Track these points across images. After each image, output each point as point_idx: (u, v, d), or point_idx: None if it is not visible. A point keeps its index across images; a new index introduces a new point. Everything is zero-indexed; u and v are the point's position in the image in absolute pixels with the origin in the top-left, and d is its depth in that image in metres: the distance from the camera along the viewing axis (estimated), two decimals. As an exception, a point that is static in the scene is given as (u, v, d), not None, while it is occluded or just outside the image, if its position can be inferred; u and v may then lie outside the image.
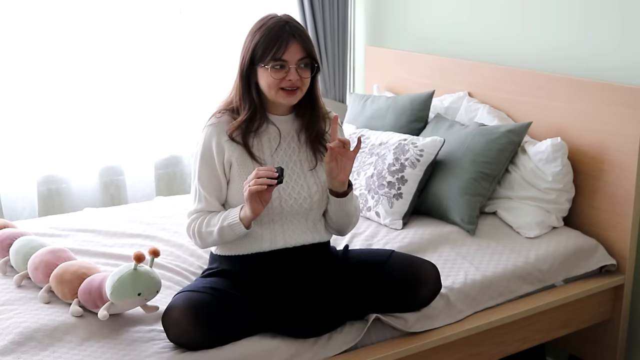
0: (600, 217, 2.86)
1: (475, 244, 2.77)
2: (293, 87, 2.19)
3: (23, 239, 2.46)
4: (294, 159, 2.30)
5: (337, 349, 2.21)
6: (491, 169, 2.90)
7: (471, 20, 3.48)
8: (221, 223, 2.19)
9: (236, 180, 2.24)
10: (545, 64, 3.12)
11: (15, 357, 1.97)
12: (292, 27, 2.18)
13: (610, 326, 2.90)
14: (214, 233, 2.20)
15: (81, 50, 3.47)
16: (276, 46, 2.15)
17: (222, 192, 2.27)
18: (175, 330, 2.04)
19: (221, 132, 2.25)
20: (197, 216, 2.26)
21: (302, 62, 2.19)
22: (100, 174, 3.62)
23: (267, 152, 2.27)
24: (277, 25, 2.18)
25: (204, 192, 2.25)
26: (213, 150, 2.25)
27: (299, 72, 2.18)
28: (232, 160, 2.24)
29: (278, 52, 2.15)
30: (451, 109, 3.34)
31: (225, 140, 2.24)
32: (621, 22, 2.83)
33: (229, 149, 2.24)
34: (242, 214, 2.15)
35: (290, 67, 2.17)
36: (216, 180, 2.26)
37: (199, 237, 2.25)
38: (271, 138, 2.28)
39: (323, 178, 2.31)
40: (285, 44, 2.16)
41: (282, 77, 2.17)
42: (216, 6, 3.78)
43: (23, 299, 2.26)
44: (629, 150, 2.71)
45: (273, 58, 2.16)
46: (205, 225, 2.22)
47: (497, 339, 2.56)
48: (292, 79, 2.17)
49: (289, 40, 2.16)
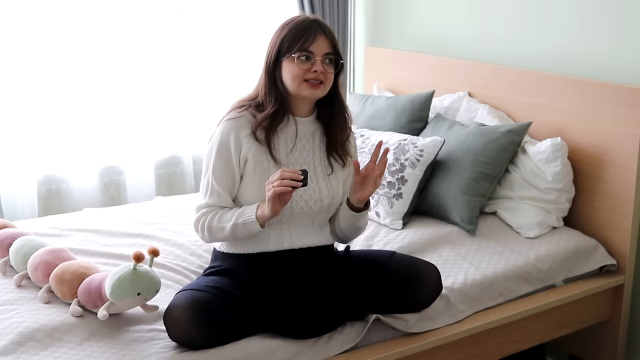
0: (600, 217, 2.86)
1: (475, 244, 2.77)
2: (317, 80, 2.20)
3: (23, 239, 2.46)
4: (308, 161, 2.30)
5: (337, 349, 2.21)
6: (491, 169, 2.89)
7: (471, 20, 3.48)
8: (235, 220, 2.18)
9: (250, 177, 2.24)
10: (545, 64, 3.12)
11: (15, 357, 1.97)
12: (320, 23, 2.24)
13: (610, 326, 2.90)
14: (226, 229, 2.20)
15: (81, 50, 3.47)
16: (304, 37, 2.19)
17: (234, 188, 2.27)
18: (177, 329, 2.03)
19: (240, 127, 2.24)
20: (208, 211, 2.25)
21: (328, 57, 2.21)
22: (100, 174, 3.62)
23: (283, 152, 2.27)
24: (306, 20, 2.24)
25: (218, 186, 2.24)
26: (231, 145, 2.24)
27: (324, 66, 2.20)
28: (248, 156, 2.24)
29: (306, 43, 2.19)
30: (451, 109, 3.34)
31: (245, 136, 2.23)
32: (621, 21, 2.83)
33: (247, 144, 2.23)
34: (259, 212, 2.15)
35: (316, 59, 2.19)
36: (231, 175, 2.25)
37: (208, 232, 2.24)
38: (288, 138, 2.28)
39: (335, 185, 2.32)
40: (314, 36, 2.20)
41: (307, 68, 2.19)
42: (216, 6, 3.77)
43: (23, 299, 2.26)
44: (629, 150, 2.71)
45: (300, 49, 2.19)
46: (217, 221, 2.22)
47: (497, 339, 2.56)
48: (318, 70, 2.19)
49: (317, 33, 2.20)
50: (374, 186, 2.24)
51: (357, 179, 2.24)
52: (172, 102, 3.76)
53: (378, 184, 2.24)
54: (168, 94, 3.74)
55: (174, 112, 3.77)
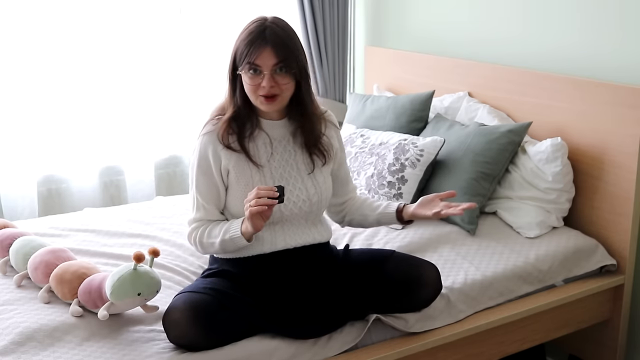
0: (600, 217, 2.86)
1: (476, 243, 2.77)
2: (268, 94, 2.15)
3: (23, 239, 2.46)
4: (290, 162, 2.30)
5: (337, 349, 2.21)
6: (491, 169, 2.89)
7: (471, 20, 3.48)
8: (223, 236, 2.19)
9: (234, 187, 2.24)
10: (545, 64, 3.12)
11: (15, 357, 1.97)
12: (270, 31, 2.14)
13: (610, 326, 2.90)
14: (216, 244, 2.21)
15: (81, 51, 3.47)
16: (250, 50, 2.13)
17: (220, 200, 2.27)
18: (176, 331, 2.03)
19: (217, 141, 2.23)
20: (198, 225, 2.26)
21: (277, 67, 2.14)
22: (100, 174, 3.62)
23: (264, 157, 2.27)
24: (256, 30, 2.15)
25: (203, 201, 2.25)
26: (210, 158, 2.24)
27: (276, 77, 2.14)
28: (229, 167, 2.23)
29: (252, 57, 2.13)
30: (451, 109, 3.34)
31: (222, 149, 2.23)
32: (622, 22, 2.83)
33: (226, 156, 2.23)
34: (243, 228, 2.16)
35: (264, 73, 2.14)
36: (214, 188, 2.25)
37: (201, 246, 2.26)
38: (266, 143, 2.28)
39: (321, 180, 2.32)
40: (258, 49, 2.12)
41: (257, 83, 2.15)
42: (216, 6, 3.77)
43: (23, 299, 2.26)
44: (629, 150, 2.71)
45: (247, 63, 2.14)
46: (207, 236, 2.23)
47: (497, 339, 2.56)
48: (266, 85, 2.13)
49: (262, 46, 2.12)
50: (429, 214, 2.31)
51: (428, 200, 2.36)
52: (172, 102, 3.76)
53: (434, 216, 2.30)
54: (168, 94, 3.74)
55: (174, 112, 3.78)
